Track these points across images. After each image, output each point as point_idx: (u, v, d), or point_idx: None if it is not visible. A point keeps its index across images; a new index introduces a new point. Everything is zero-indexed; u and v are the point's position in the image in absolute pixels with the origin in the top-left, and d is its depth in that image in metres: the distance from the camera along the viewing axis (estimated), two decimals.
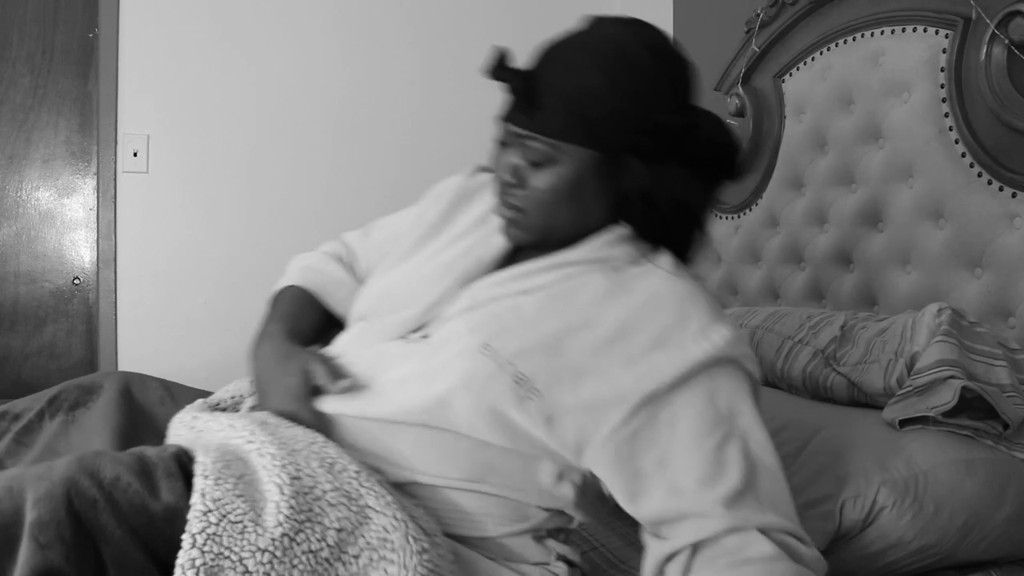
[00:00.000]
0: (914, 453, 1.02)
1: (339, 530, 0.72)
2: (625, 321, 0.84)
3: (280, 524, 0.70)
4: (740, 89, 1.98)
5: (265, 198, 2.50)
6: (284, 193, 2.50)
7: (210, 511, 0.69)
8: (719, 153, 0.89)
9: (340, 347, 0.98)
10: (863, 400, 1.25)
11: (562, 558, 0.92)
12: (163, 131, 2.42)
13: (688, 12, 2.44)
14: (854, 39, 1.68)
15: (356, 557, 0.72)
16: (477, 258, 0.95)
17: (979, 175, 1.39)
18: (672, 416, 0.81)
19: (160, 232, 2.43)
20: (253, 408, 0.97)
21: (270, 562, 0.68)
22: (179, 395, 1.09)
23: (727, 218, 2.08)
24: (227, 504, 0.70)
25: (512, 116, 0.89)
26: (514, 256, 0.95)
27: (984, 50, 1.37)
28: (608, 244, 0.90)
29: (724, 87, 2.08)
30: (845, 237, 1.68)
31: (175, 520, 0.69)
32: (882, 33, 1.61)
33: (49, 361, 2.44)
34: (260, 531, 0.69)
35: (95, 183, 2.43)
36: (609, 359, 0.83)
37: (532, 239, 0.92)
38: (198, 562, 0.66)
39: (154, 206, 2.42)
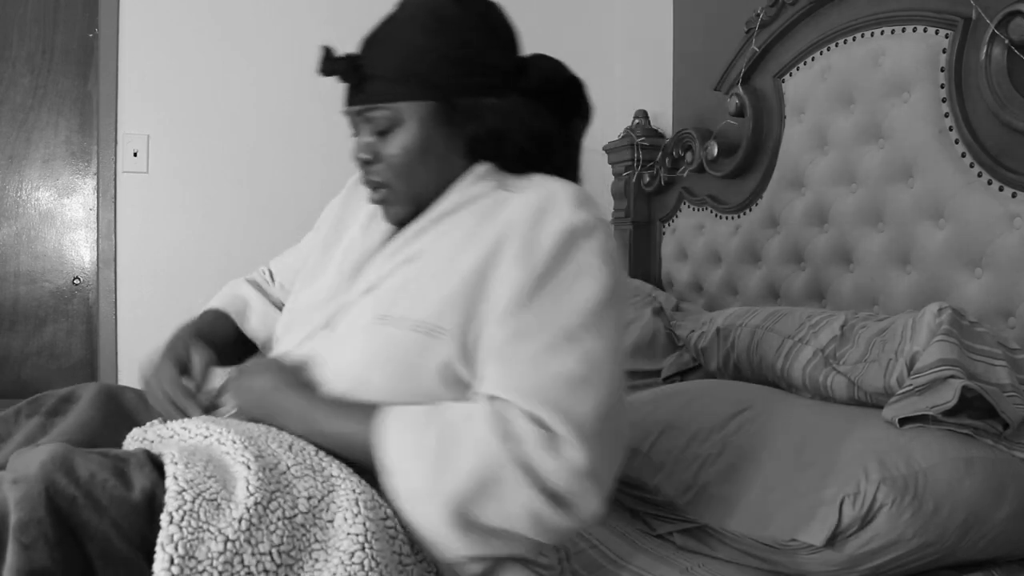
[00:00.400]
0: (914, 451, 1.03)
1: (309, 498, 0.75)
2: (494, 245, 0.88)
3: (252, 495, 0.72)
4: (740, 89, 1.98)
5: (265, 198, 2.50)
6: (284, 193, 2.50)
7: (184, 490, 0.70)
8: (558, 87, 0.97)
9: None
10: (863, 400, 1.25)
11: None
12: (163, 131, 2.42)
13: (688, 12, 2.44)
14: (854, 39, 1.68)
15: (331, 522, 0.75)
16: (365, 248, 1.00)
17: (979, 175, 1.39)
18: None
19: (160, 232, 2.43)
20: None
21: (248, 529, 0.70)
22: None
23: (727, 218, 2.08)
24: (200, 484, 0.72)
25: (349, 99, 0.96)
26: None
27: (984, 50, 1.37)
28: (469, 184, 0.95)
29: (724, 87, 2.08)
30: (845, 237, 1.68)
31: (153, 506, 0.70)
32: (882, 33, 1.61)
33: (49, 361, 2.44)
34: (234, 505, 0.71)
35: (95, 183, 2.43)
36: (487, 283, 0.87)
37: (407, 210, 0.97)
38: (176, 537, 0.67)
39: (154, 206, 2.42)
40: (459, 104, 0.93)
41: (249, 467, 0.75)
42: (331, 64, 0.94)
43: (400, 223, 0.98)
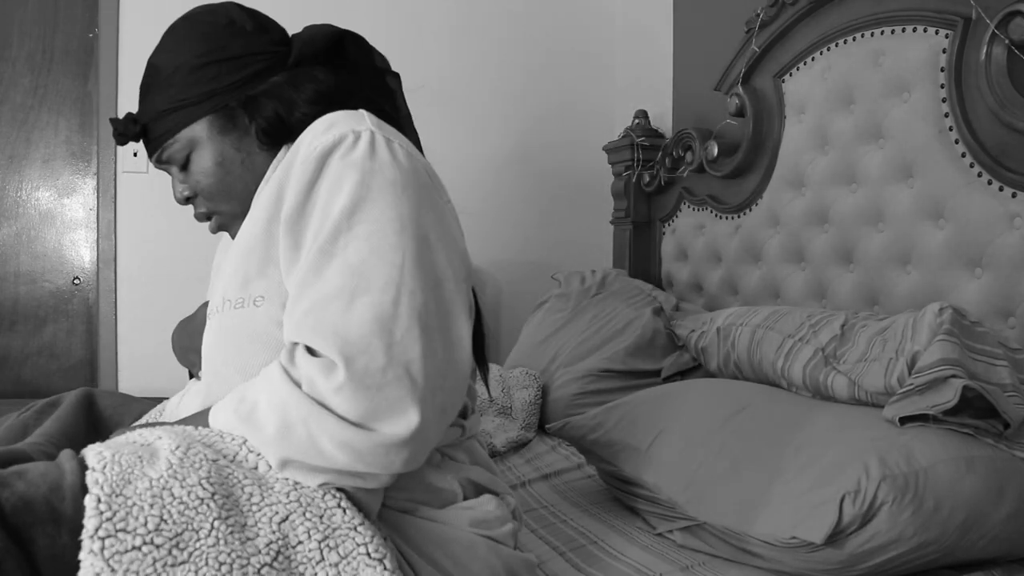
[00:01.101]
0: (915, 450, 1.03)
1: (226, 455, 0.76)
2: (277, 192, 0.88)
3: (172, 451, 0.73)
4: (740, 89, 1.98)
5: None
6: None
7: (102, 451, 0.72)
8: (322, 46, 0.97)
9: None
10: (864, 399, 1.25)
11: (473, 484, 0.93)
12: None
13: (688, 12, 2.44)
14: (854, 39, 1.68)
15: (255, 468, 0.76)
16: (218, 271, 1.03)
17: (979, 175, 1.39)
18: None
19: (160, 232, 2.43)
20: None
21: (171, 467, 0.71)
22: (134, 409, 1.11)
23: (727, 218, 2.09)
24: (120, 446, 0.74)
25: (148, 154, 1.00)
26: None
27: (984, 50, 1.37)
28: (271, 173, 0.94)
29: (724, 87, 2.08)
30: (845, 237, 1.68)
31: (85, 484, 0.69)
32: (882, 33, 1.61)
33: (49, 361, 2.44)
34: (157, 458, 0.72)
35: (95, 183, 2.43)
36: (274, 236, 0.86)
37: (242, 222, 0.97)
38: (101, 480, 0.68)
39: (154, 206, 2.42)
40: (232, 104, 0.94)
41: (162, 437, 0.76)
42: (117, 130, 0.98)
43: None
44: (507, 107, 2.75)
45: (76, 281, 2.46)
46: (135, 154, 2.39)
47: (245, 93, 0.94)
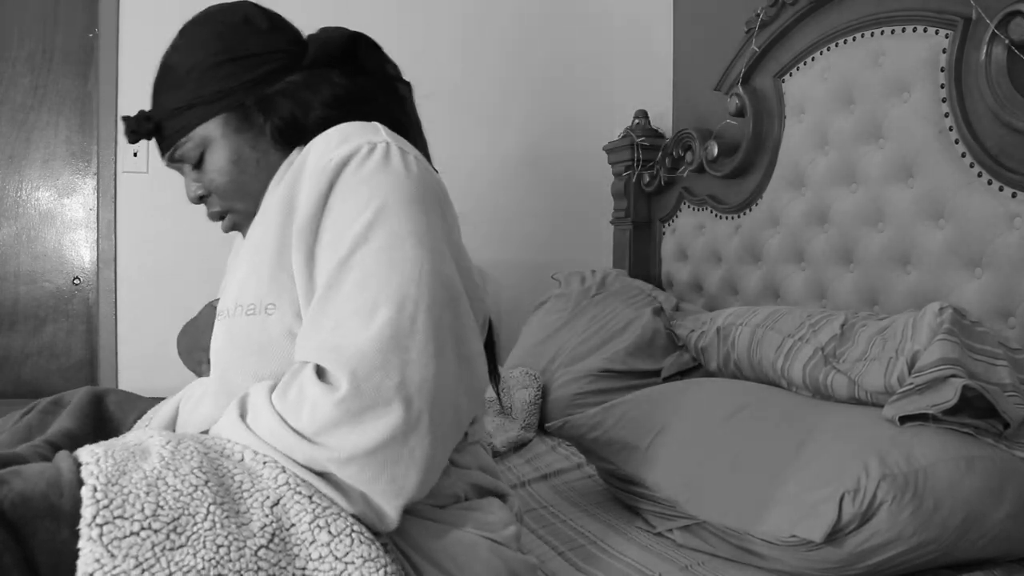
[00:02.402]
0: (915, 449, 1.03)
1: (214, 449, 0.77)
2: (287, 198, 0.87)
3: (163, 446, 0.74)
4: (740, 89, 1.98)
5: None
6: None
7: (95, 449, 0.72)
8: (339, 48, 0.97)
9: None
10: (863, 399, 1.25)
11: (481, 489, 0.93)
12: None
13: (688, 12, 2.44)
14: (854, 39, 1.68)
15: (240, 460, 0.76)
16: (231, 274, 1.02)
17: (979, 175, 1.39)
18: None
19: (160, 232, 2.43)
20: None
21: (164, 460, 0.71)
22: (139, 406, 1.11)
23: (727, 218, 2.09)
24: (112, 444, 0.74)
25: (160, 152, 1.00)
26: None
27: (984, 50, 1.37)
28: (282, 173, 0.94)
29: (724, 87, 2.08)
30: (845, 237, 1.68)
31: (80, 480, 0.70)
32: (882, 33, 1.61)
33: (49, 361, 2.44)
34: (146, 455, 0.73)
35: (95, 183, 2.43)
36: (288, 245, 0.86)
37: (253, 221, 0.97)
38: (96, 472, 0.68)
39: (154, 206, 2.42)
40: (248, 103, 0.94)
41: (153, 436, 0.77)
42: (129, 127, 0.98)
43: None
44: (507, 107, 2.75)
45: (76, 281, 2.46)
46: (135, 154, 2.39)
47: (260, 92, 0.94)
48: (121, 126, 0.98)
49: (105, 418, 1.07)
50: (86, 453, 0.72)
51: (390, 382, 0.75)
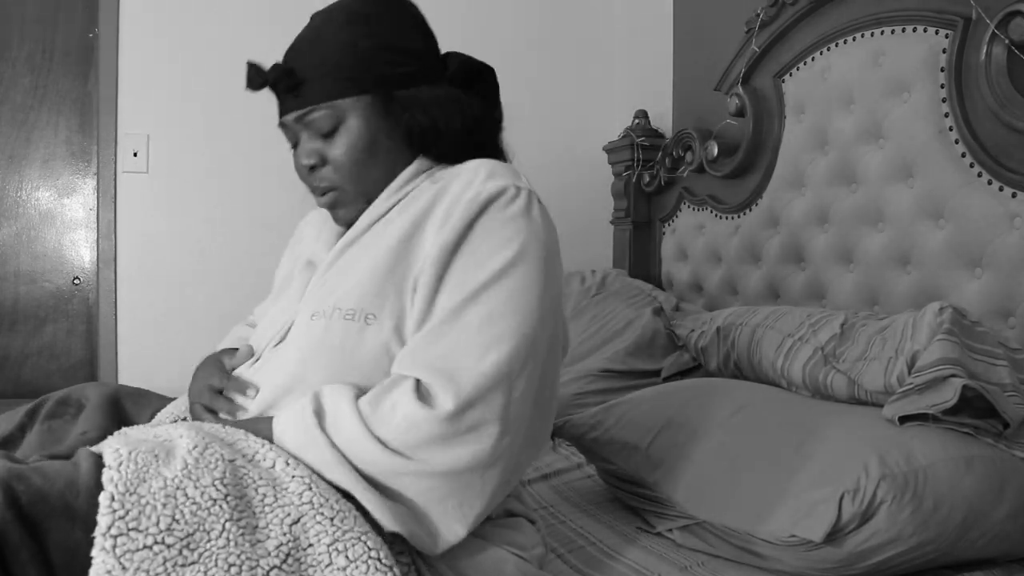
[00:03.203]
0: (914, 449, 1.03)
1: (244, 455, 0.78)
2: (412, 229, 0.89)
3: (189, 447, 0.74)
4: (740, 89, 1.98)
5: (264, 197, 2.50)
6: (283, 193, 2.50)
7: (119, 448, 0.73)
8: (479, 74, 0.99)
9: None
10: (863, 398, 1.25)
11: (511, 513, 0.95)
12: (163, 131, 2.42)
13: (688, 12, 2.44)
14: (854, 39, 1.68)
15: (271, 467, 0.77)
16: (313, 261, 1.02)
17: (979, 175, 1.39)
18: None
19: (160, 232, 2.43)
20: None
21: (186, 468, 0.72)
22: (150, 403, 1.11)
23: (727, 218, 2.09)
24: (137, 445, 0.74)
25: (285, 109, 0.96)
26: None
27: (984, 50, 1.37)
28: (404, 183, 0.95)
29: (724, 87, 2.08)
30: (845, 237, 1.68)
31: (100, 480, 0.71)
32: (882, 33, 1.61)
33: (49, 361, 2.44)
34: (173, 457, 0.74)
35: (95, 183, 2.43)
36: (409, 265, 0.88)
37: (359, 209, 0.97)
38: (116, 478, 0.69)
39: (154, 206, 2.42)
40: (397, 95, 0.94)
41: (183, 436, 0.78)
42: (262, 76, 0.95)
43: (350, 224, 0.99)
44: (506, 107, 2.74)
45: (76, 281, 2.46)
46: (135, 154, 2.40)
47: (410, 89, 0.94)
48: (243, 70, 0.94)
49: (125, 421, 1.06)
50: (109, 453, 0.72)
51: (491, 415, 0.79)
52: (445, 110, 0.94)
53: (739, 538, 1.05)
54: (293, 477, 0.76)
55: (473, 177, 0.89)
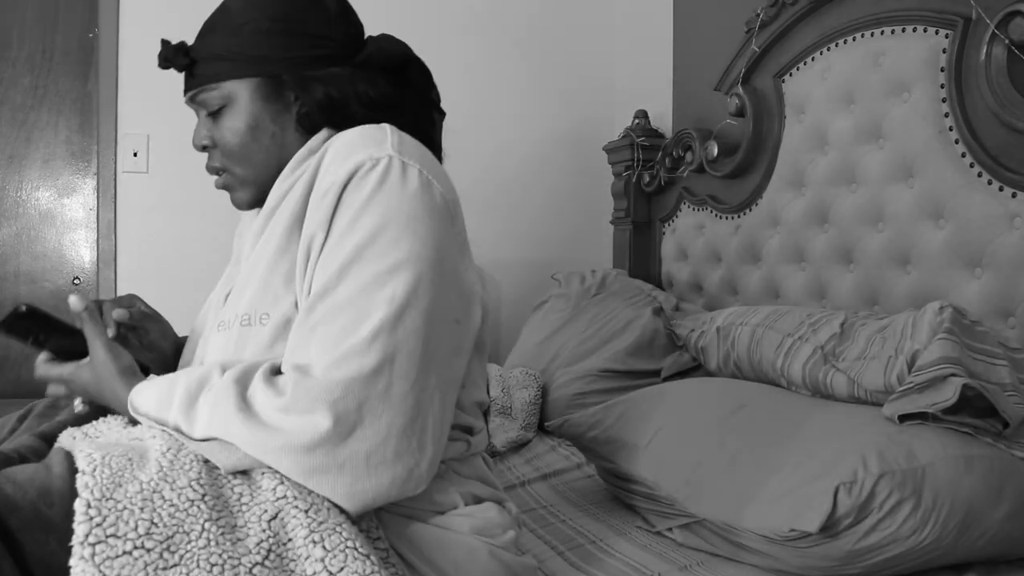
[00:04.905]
0: (914, 447, 1.03)
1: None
2: (298, 203, 0.88)
3: (163, 453, 0.74)
4: (740, 89, 1.98)
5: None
6: None
7: (92, 453, 0.72)
8: (396, 62, 0.97)
9: None
10: (863, 398, 1.25)
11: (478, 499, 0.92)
12: (163, 131, 2.42)
13: (688, 12, 2.44)
14: (854, 39, 1.68)
15: (245, 473, 0.76)
16: (236, 256, 1.02)
17: (979, 175, 1.39)
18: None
19: (160, 232, 2.43)
20: None
21: (162, 470, 0.71)
22: None
23: (727, 218, 2.09)
24: (109, 449, 0.74)
25: (184, 87, 0.98)
26: None
27: (984, 50, 1.37)
28: (300, 161, 0.93)
29: (724, 87, 2.08)
30: (845, 237, 1.68)
31: (74, 485, 0.70)
32: (882, 33, 1.61)
33: None
34: (147, 460, 0.73)
35: (95, 183, 2.43)
36: (289, 256, 0.87)
37: (251, 193, 0.97)
38: (91, 484, 0.68)
39: (154, 206, 2.42)
40: (286, 78, 0.93)
41: (156, 436, 0.77)
42: (165, 55, 0.96)
43: (248, 206, 0.99)
44: (507, 107, 2.75)
45: (76, 281, 2.46)
46: (135, 154, 2.40)
47: (301, 72, 0.93)
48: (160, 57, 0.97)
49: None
50: (83, 459, 0.71)
51: (327, 396, 0.75)
52: (337, 89, 0.93)
53: (738, 535, 1.05)
54: (263, 473, 0.75)
55: (333, 160, 0.87)
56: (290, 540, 0.72)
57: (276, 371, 0.81)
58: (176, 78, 0.96)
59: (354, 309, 0.78)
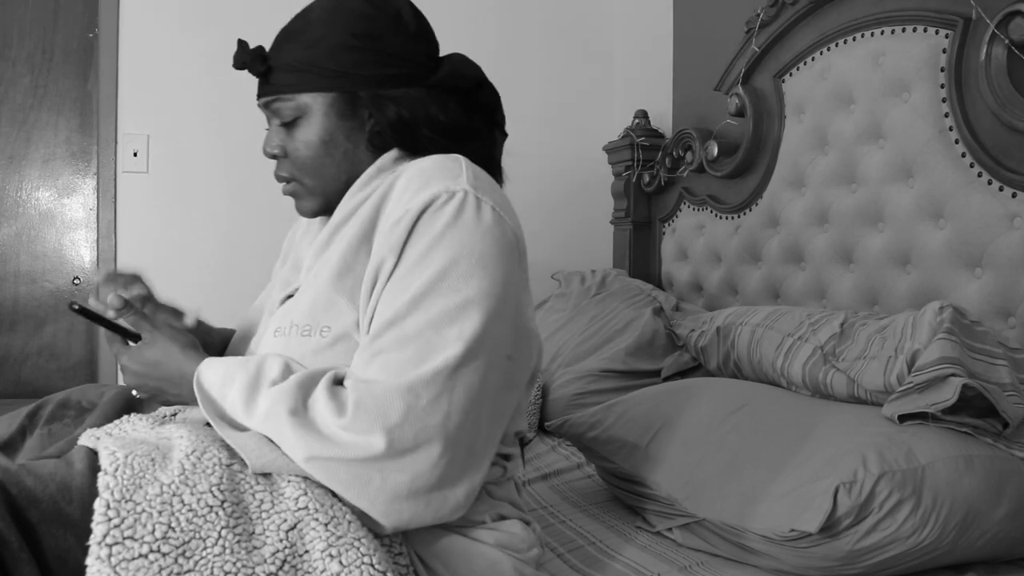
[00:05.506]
0: (914, 447, 1.03)
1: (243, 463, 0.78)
2: (367, 223, 0.89)
3: (187, 455, 0.74)
4: (740, 89, 1.98)
5: (264, 198, 2.50)
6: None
7: (115, 451, 0.73)
8: (468, 84, 0.97)
9: None
10: (863, 397, 1.25)
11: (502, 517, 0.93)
12: (163, 131, 2.42)
13: (688, 12, 2.44)
14: (854, 39, 1.68)
15: (267, 476, 0.77)
16: (295, 262, 1.02)
17: (979, 175, 1.39)
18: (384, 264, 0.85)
19: (160, 232, 2.43)
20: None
21: (183, 473, 0.72)
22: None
23: (727, 218, 2.09)
24: (133, 447, 0.75)
25: (258, 92, 0.97)
26: None
27: (984, 50, 1.37)
28: (370, 179, 0.93)
29: (724, 87, 2.08)
30: (845, 237, 1.68)
31: (95, 482, 0.70)
32: (882, 33, 1.61)
33: (49, 361, 2.44)
34: (169, 460, 0.74)
35: (95, 183, 2.43)
36: (356, 274, 0.87)
37: (317, 203, 0.97)
38: (112, 484, 0.69)
39: (154, 206, 2.42)
40: (362, 95, 0.93)
41: (183, 436, 0.78)
42: (240, 56, 0.95)
43: (313, 215, 1.00)
44: (507, 107, 2.74)
45: (76, 281, 2.46)
46: (135, 154, 2.40)
47: (378, 90, 0.92)
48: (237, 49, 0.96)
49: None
50: (106, 457, 0.72)
51: (384, 421, 0.76)
52: (411, 112, 0.93)
53: (739, 535, 1.05)
54: (289, 481, 0.76)
55: (407, 187, 0.87)
56: (307, 552, 0.72)
57: (339, 381, 0.81)
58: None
59: (422, 340, 0.79)
